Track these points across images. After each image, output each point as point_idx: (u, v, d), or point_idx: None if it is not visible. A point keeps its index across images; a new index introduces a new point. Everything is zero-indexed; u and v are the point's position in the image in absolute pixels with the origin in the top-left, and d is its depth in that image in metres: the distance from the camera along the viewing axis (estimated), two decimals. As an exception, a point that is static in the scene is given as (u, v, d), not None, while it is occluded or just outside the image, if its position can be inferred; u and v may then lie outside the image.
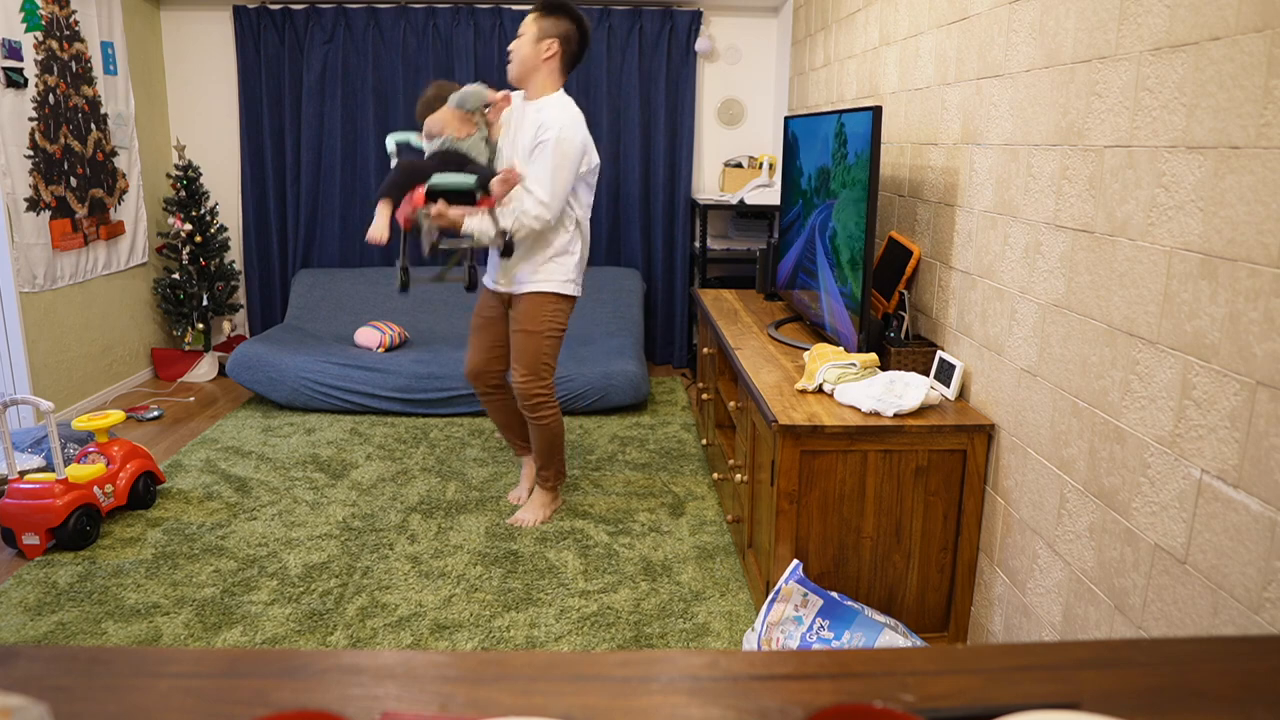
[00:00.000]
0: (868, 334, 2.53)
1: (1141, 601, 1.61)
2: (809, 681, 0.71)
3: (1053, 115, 1.91)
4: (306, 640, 2.37)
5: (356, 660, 0.74)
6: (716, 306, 3.62)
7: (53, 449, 2.79)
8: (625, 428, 4.04)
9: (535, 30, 2.81)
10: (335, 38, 4.83)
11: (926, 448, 2.22)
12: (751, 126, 5.17)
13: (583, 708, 0.67)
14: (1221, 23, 1.40)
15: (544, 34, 2.80)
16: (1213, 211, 1.42)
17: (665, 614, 2.51)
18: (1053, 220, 1.92)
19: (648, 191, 5.07)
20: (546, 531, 3.00)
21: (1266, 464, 1.31)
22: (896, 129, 2.91)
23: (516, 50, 2.84)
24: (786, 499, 2.23)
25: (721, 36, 5.03)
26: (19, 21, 3.74)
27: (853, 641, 2.02)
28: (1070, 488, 1.85)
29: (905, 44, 2.84)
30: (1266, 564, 1.31)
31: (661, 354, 5.27)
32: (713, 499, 3.29)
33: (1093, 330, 1.77)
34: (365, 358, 4.26)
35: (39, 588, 2.61)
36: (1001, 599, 2.16)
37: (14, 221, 3.71)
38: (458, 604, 2.55)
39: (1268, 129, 1.30)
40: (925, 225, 2.65)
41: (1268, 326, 1.30)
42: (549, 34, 2.80)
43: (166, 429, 4.04)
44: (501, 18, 4.81)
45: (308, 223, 5.04)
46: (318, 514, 3.13)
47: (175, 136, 5.04)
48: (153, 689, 0.70)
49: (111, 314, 4.48)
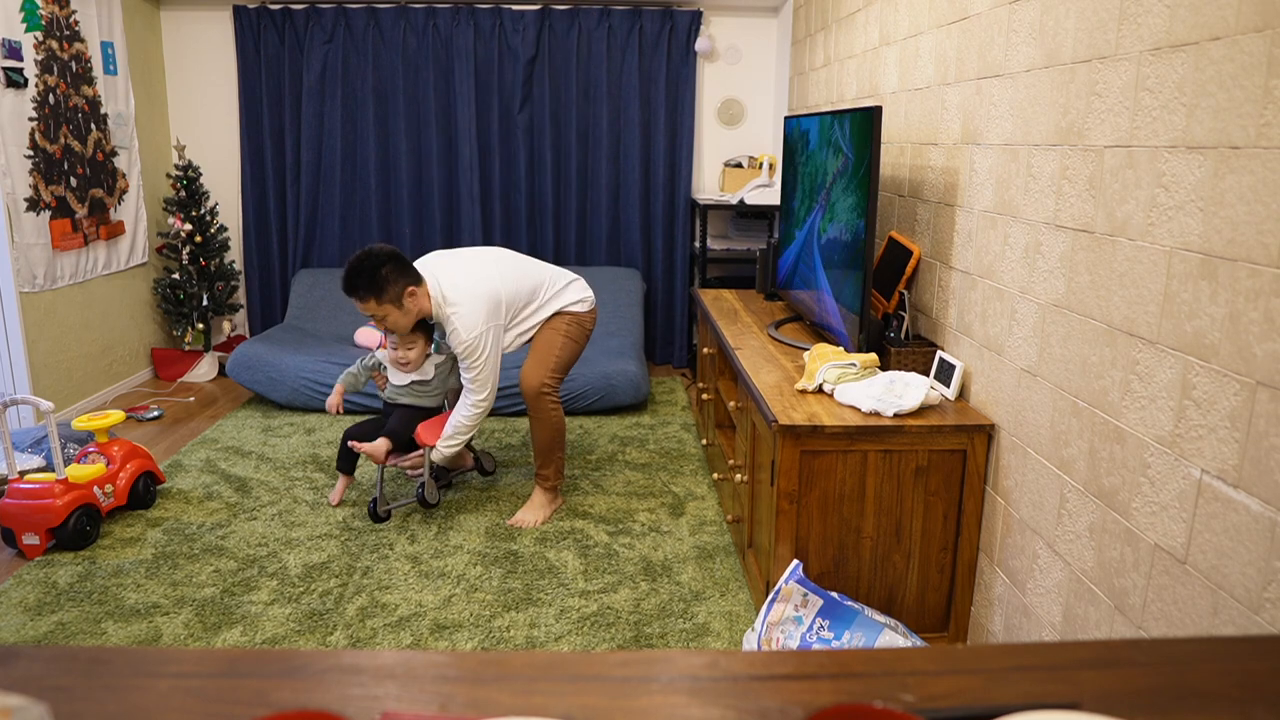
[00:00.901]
0: (868, 334, 2.53)
1: (1141, 601, 1.61)
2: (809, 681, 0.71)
3: (1053, 115, 1.91)
4: (306, 640, 2.37)
5: (356, 660, 0.74)
6: (716, 306, 3.62)
7: (53, 449, 2.79)
8: (625, 428, 4.04)
9: (388, 306, 2.77)
10: (335, 38, 4.83)
11: (926, 448, 2.22)
12: (751, 126, 5.17)
13: (583, 708, 0.67)
14: (1221, 23, 1.40)
15: (397, 298, 2.77)
16: (1213, 211, 1.42)
17: (665, 614, 2.51)
18: (1053, 220, 1.92)
19: (648, 191, 5.07)
20: (546, 531, 3.00)
21: (1266, 464, 1.31)
22: (896, 129, 2.91)
23: (391, 325, 2.83)
24: (786, 499, 2.23)
25: (721, 36, 5.03)
26: (19, 21, 3.74)
27: (853, 641, 2.02)
28: (1070, 488, 1.85)
29: (905, 44, 2.84)
30: (1266, 564, 1.31)
31: (661, 354, 5.27)
32: (713, 499, 3.29)
33: (1093, 330, 1.77)
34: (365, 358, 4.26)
35: (39, 588, 2.61)
36: (1001, 599, 2.16)
37: (14, 221, 3.71)
38: (458, 604, 2.55)
39: (1268, 129, 1.30)
40: (925, 225, 2.65)
41: (1268, 326, 1.30)
42: (398, 294, 2.77)
43: (166, 429, 4.04)
44: (501, 18, 4.81)
45: (308, 223, 5.04)
46: (318, 514, 3.13)
47: (175, 136, 5.04)
48: (153, 689, 0.70)
49: (111, 314, 4.48)
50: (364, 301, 2.76)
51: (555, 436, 3.05)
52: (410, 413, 3.04)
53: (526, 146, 4.98)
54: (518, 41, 4.83)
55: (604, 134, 4.94)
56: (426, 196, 5.01)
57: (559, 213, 5.09)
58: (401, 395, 3.06)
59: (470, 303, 2.82)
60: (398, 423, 3.01)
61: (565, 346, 3.03)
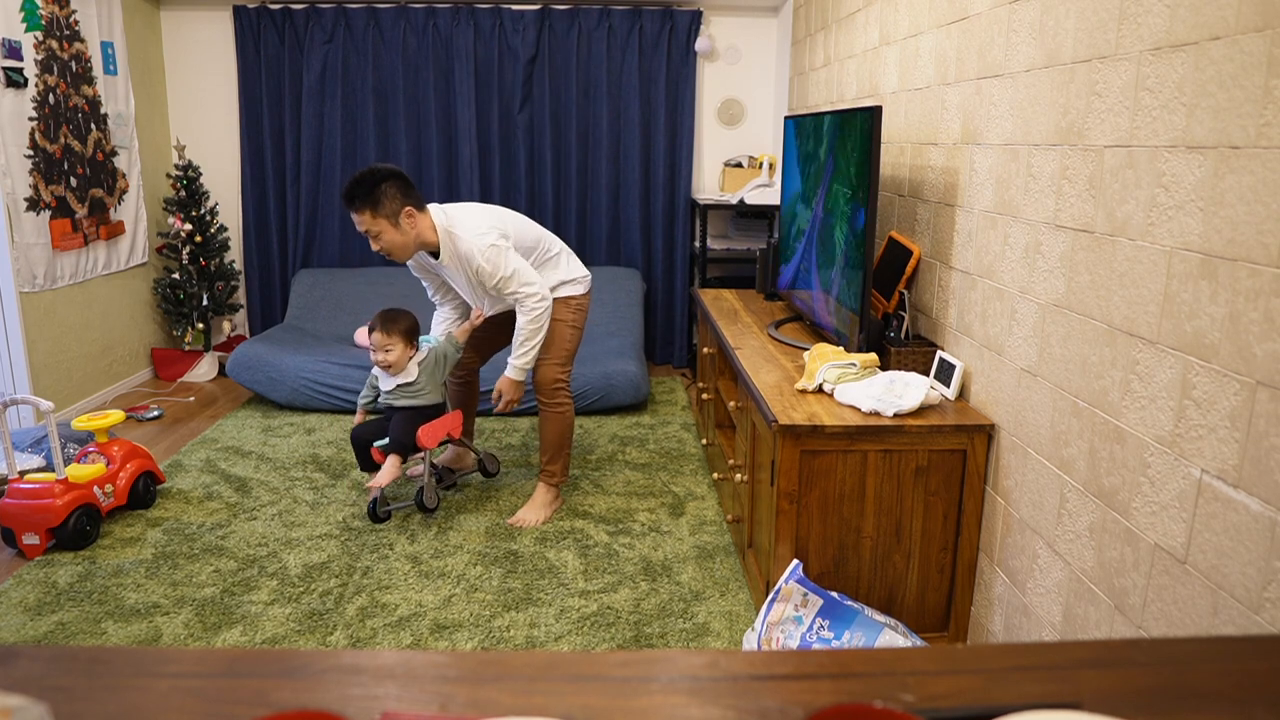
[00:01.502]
0: (868, 334, 2.53)
1: (1141, 601, 1.61)
2: (809, 681, 0.71)
3: (1053, 115, 1.91)
4: (306, 640, 2.37)
5: (356, 660, 0.74)
6: (716, 306, 3.62)
7: (53, 449, 2.79)
8: (625, 428, 4.04)
9: (382, 222, 2.75)
10: (335, 38, 4.83)
11: (926, 448, 2.22)
12: (751, 126, 5.17)
13: (583, 708, 0.67)
14: (1221, 23, 1.40)
15: (394, 214, 2.75)
16: (1213, 211, 1.42)
17: (665, 614, 2.51)
18: (1053, 220, 1.92)
19: (648, 191, 5.07)
20: (546, 531, 3.00)
21: (1266, 464, 1.31)
22: (896, 129, 2.91)
23: (384, 244, 2.79)
24: (786, 499, 2.23)
25: (721, 36, 5.03)
26: (19, 21, 3.74)
27: (853, 641, 2.02)
28: (1070, 488, 1.85)
29: (905, 44, 2.84)
30: (1266, 564, 1.31)
31: (661, 354, 5.27)
32: (713, 499, 3.29)
33: (1093, 330, 1.77)
34: (365, 358, 4.26)
35: (39, 588, 2.61)
36: (1001, 599, 2.16)
37: (14, 221, 3.71)
38: (458, 604, 2.55)
39: (1268, 129, 1.30)
40: (925, 225, 2.65)
41: (1268, 326, 1.30)
42: (394, 210, 2.75)
43: (166, 429, 4.04)
44: (501, 18, 4.81)
45: (308, 223, 5.04)
46: (318, 514, 3.13)
47: (175, 136, 5.04)
48: (153, 689, 0.70)
49: (111, 314, 4.48)
50: (359, 213, 2.74)
51: (565, 432, 3.08)
52: (409, 414, 3.04)
53: (526, 146, 4.98)
54: (518, 41, 4.83)
55: (604, 134, 4.94)
56: (426, 196, 5.00)
57: (559, 213, 5.09)
58: (394, 398, 3.07)
59: (476, 226, 2.83)
60: (399, 430, 2.99)
61: (572, 337, 3.06)
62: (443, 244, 2.86)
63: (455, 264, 2.90)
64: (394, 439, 2.99)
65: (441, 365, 3.10)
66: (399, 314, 3.01)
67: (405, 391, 3.05)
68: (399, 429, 3.00)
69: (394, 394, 3.06)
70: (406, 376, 3.04)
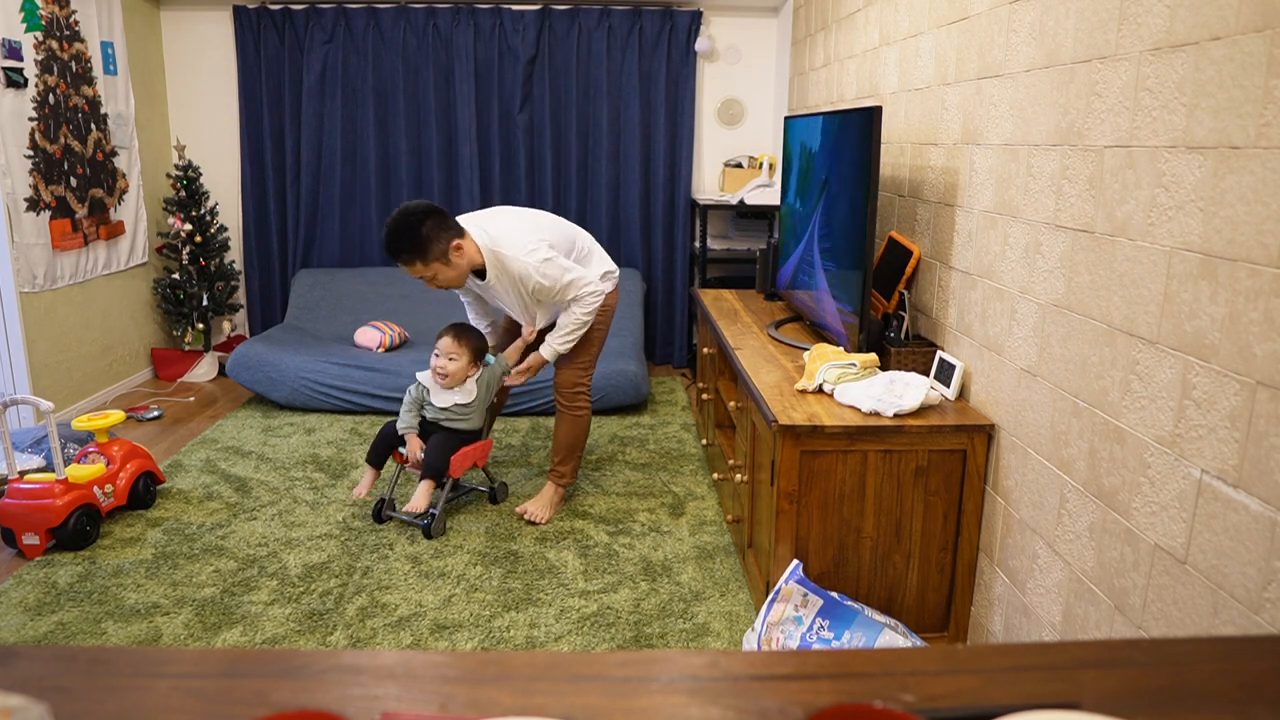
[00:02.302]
0: (868, 334, 2.53)
1: (1141, 601, 1.61)
2: (809, 681, 0.71)
3: (1053, 115, 1.91)
4: (306, 640, 2.37)
5: (356, 660, 0.74)
6: (716, 306, 3.62)
7: (53, 449, 2.79)
8: (625, 428, 4.04)
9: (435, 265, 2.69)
10: (335, 38, 4.83)
11: (926, 448, 2.22)
12: (751, 126, 5.17)
13: (583, 708, 0.67)
14: (1221, 23, 1.40)
15: (444, 254, 2.69)
16: (1213, 211, 1.42)
17: (665, 614, 2.51)
18: (1053, 220, 1.92)
19: (648, 191, 5.07)
20: (546, 532, 3.00)
21: (1266, 464, 1.31)
22: (896, 129, 2.91)
23: (442, 283, 2.75)
24: (786, 499, 2.23)
25: (721, 36, 5.03)
26: (19, 21, 3.74)
27: (853, 641, 2.02)
28: (1070, 488, 1.85)
29: (905, 44, 2.84)
30: (1266, 564, 1.31)
31: (661, 354, 5.27)
32: (713, 499, 3.29)
33: (1093, 330, 1.77)
34: (365, 358, 4.26)
35: (39, 588, 2.61)
36: (1001, 599, 2.16)
37: (14, 221, 3.71)
38: (458, 604, 2.55)
39: (1268, 129, 1.30)
40: (925, 225, 2.65)
41: (1268, 326, 1.30)
42: (443, 250, 2.68)
43: (166, 429, 4.04)
44: (501, 18, 4.81)
45: (308, 223, 5.04)
46: (318, 514, 3.13)
47: (175, 136, 5.04)
48: (153, 689, 0.70)
49: (111, 314, 4.48)
50: (410, 265, 2.65)
51: (581, 435, 3.09)
52: (449, 439, 2.96)
53: (526, 146, 4.98)
54: (518, 41, 4.83)
55: (604, 134, 4.94)
56: (426, 196, 5.00)
57: (559, 213, 5.08)
58: (447, 417, 2.99)
59: (523, 243, 2.75)
60: (436, 455, 2.91)
61: (599, 339, 3.05)
62: (489, 264, 2.78)
63: (505, 283, 2.83)
64: (430, 464, 2.92)
65: (492, 388, 3.06)
66: (474, 330, 2.97)
67: (461, 411, 2.99)
68: (436, 454, 2.92)
69: (449, 412, 2.98)
70: (466, 395, 2.98)
